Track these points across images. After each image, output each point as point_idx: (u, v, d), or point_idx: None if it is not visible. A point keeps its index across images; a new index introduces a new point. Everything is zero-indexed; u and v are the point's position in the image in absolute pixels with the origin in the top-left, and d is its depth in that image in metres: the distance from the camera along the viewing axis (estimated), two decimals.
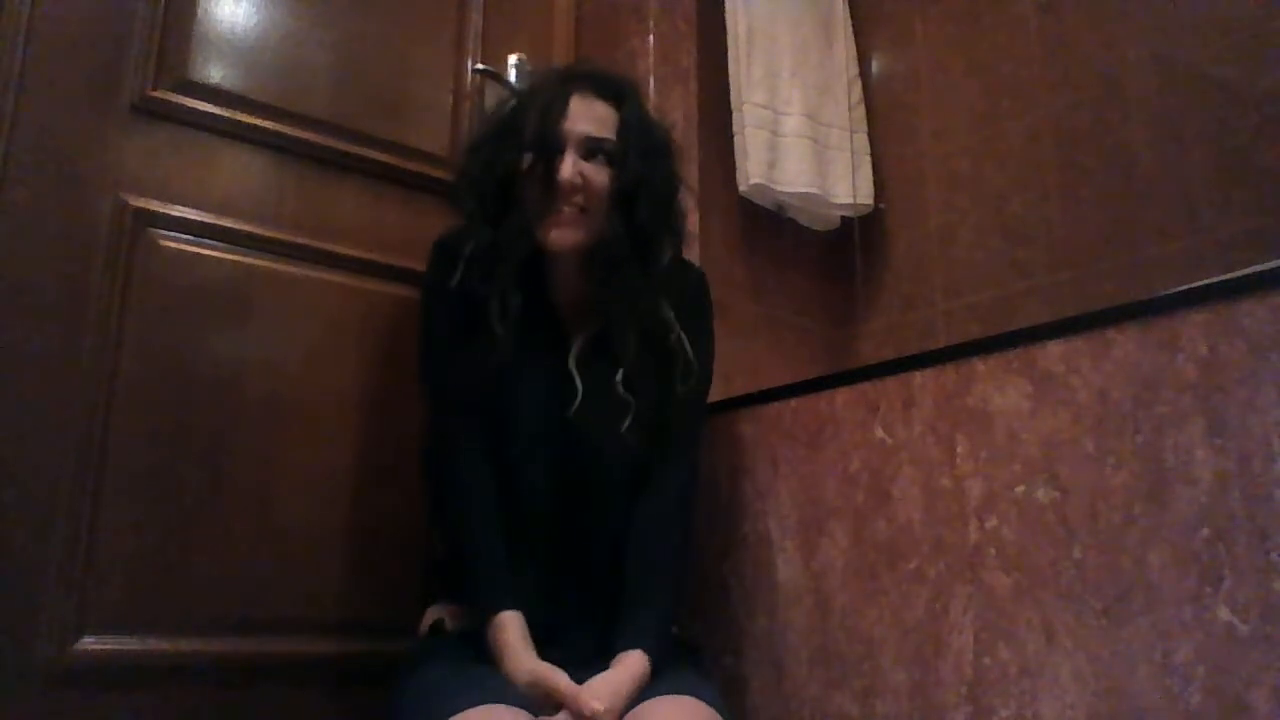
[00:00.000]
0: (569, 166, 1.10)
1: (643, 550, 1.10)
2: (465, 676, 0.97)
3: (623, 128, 1.14)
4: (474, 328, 1.11)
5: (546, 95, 1.14)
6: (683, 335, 1.16)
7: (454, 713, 0.88)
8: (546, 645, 1.02)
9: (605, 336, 1.13)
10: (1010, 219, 1.68)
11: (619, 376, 1.10)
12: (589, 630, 1.08)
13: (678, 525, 1.14)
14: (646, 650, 1.01)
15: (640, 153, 1.13)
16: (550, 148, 1.11)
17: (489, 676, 0.98)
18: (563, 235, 1.11)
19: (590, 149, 1.12)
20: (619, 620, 1.06)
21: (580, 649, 1.05)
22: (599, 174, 1.12)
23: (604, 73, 1.20)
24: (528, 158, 1.12)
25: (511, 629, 1.01)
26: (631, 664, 1.00)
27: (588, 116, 1.13)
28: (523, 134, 1.13)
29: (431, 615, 1.13)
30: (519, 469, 1.11)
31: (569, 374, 1.12)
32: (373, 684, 1.17)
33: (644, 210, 1.12)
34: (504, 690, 0.95)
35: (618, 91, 1.17)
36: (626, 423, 1.10)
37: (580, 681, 0.96)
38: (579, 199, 1.11)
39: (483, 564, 1.07)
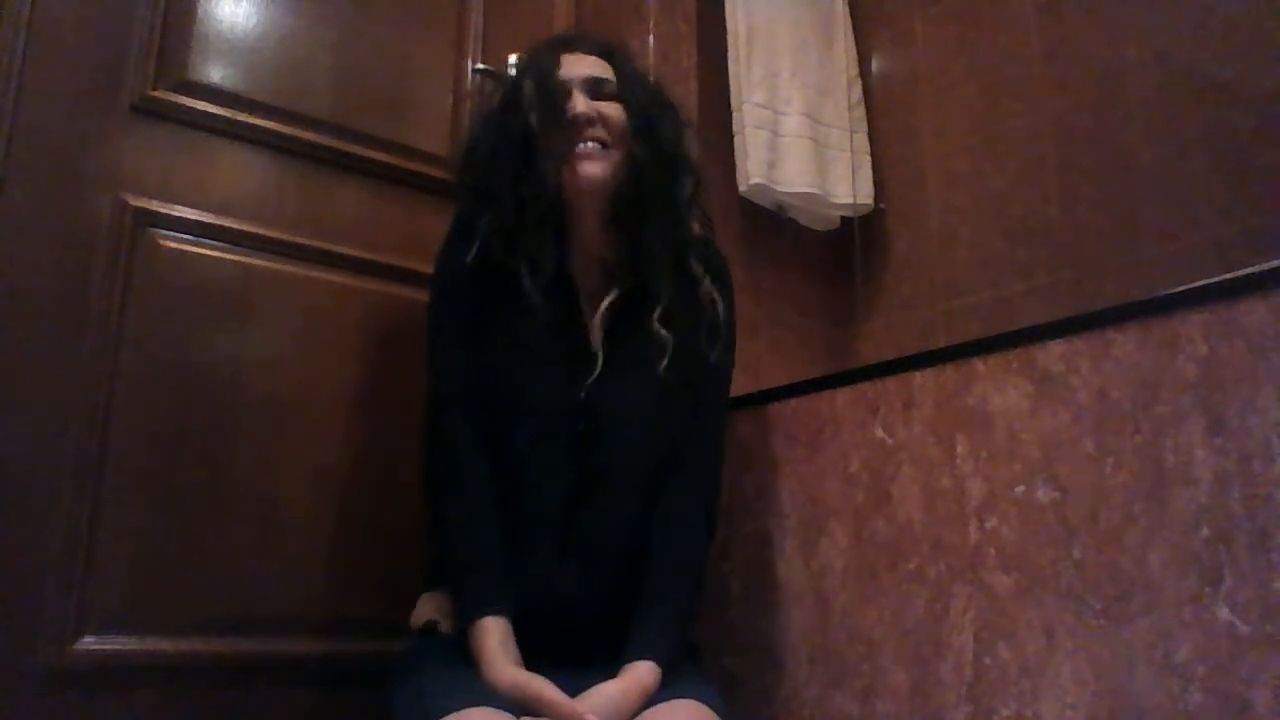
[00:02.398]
0: (581, 102, 1.12)
1: (665, 545, 1.07)
2: (456, 680, 0.96)
3: (620, 72, 1.17)
4: (490, 306, 1.10)
5: (540, 61, 1.17)
6: (715, 293, 1.17)
7: (443, 715, 0.87)
8: (550, 641, 1.01)
9: (624, 305, 1.12)
10: (1010, 219, 1.68)
11: (656, 314, 1.10)
12: (596, 624, 1.06)
13: (701, 519, 1.11)
14: (658, 661, 0.98)
15: (645, 90, 1.17)
16: (557, 96, 1.12)
17: (479, 680, 0.96)
18: (590, 168, 1.11)
19: (594, 88, 1.14)
20: (633, 621, 1.03)
21: (585, 645, 1.03)
22: (611, 108, 1.13)
23: (590, 34, 1.25)
24: (535, 118, 1.13)
25: (492, 636, 0.98)
26: (639, 676, 0.97)
27: (583, 64, 1.16)
28: (525, 103, 1.14)
29: (424, 609, 1.12)
30: (530, 452, 1.08)
31: (587, 349, 1.11)
32: (372, 684, 1.16)
33: (665, 137, 1.14)
34: (494, 694, 0.93)
35: (607, 47, 1.21)
36: (665, 362, 1.09)
37: (582, 683, 0.95)
38: (598, 132, 1.11)
39: (470, 567, 1.04)
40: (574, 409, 1.09)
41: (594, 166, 1.11)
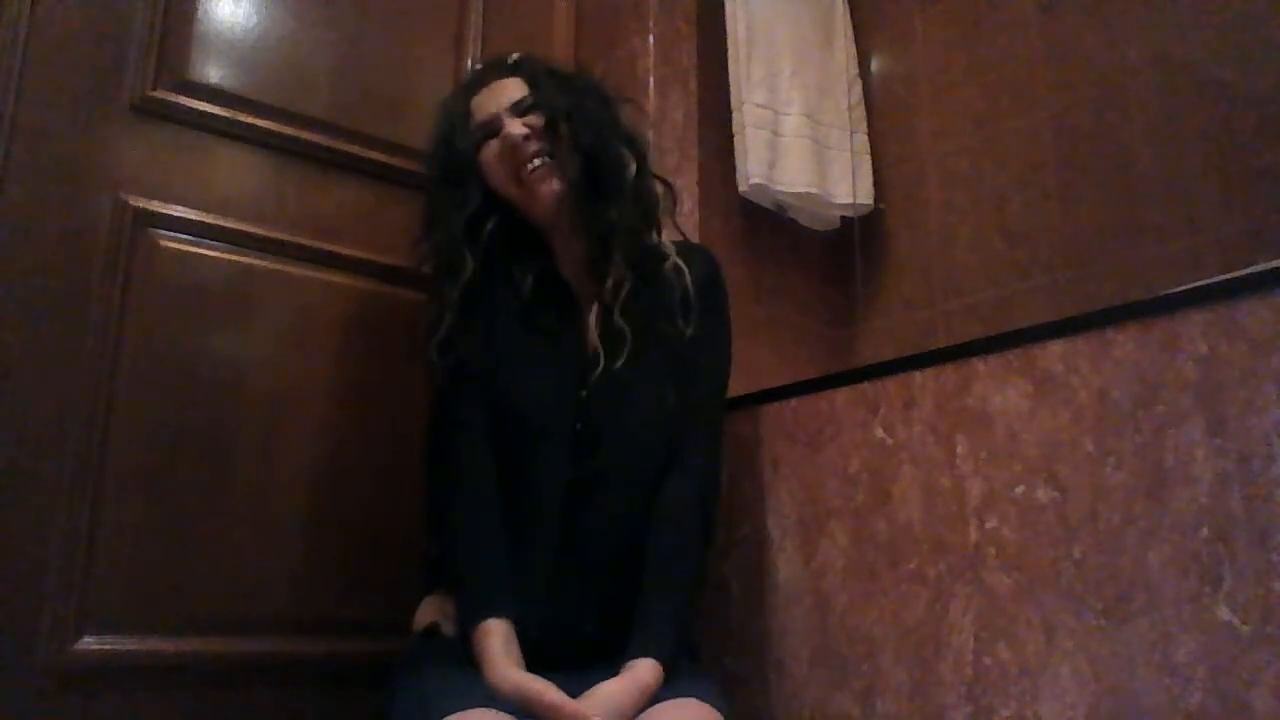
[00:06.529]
0: (513, 124, 1.12)
1: (662, 543, 1.07)
2: (457, 681, 0.96)
3: (533, 81, 1.16)
4: (488, 311, 1.12)
5: (455, 113, 1.17)
6: (680, 263, 1.17)
7: (444, 715, 0.87)
8: (550, 643, 1.01)
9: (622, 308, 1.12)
10: (1010, 219, 1.68)
11: (618, 304, 1.10)
12: (596, 627, 1.06)
13: (699, 517, 1.11)
14: (660, 659, 0.98)
15: (560, 90, 1.16)
16: (485, 135, 1.14)
17: (481, 682, 0.96)
18: (547, 188, 1.12)
19: (518, 109, 1.14)
20: (634, 620, 1.02)
21: (586, 647, 1.03)
22: (540, 120, 1.13)
23: (494, 59, 1.23)
24: (469, 156, 1.14)
25: (495, 638, 0.98)
26: (640, 674, 0.96)
27: (499, 92, 1.16)
28: (459, 144, 1.15)
29: (428, 610, 1.12)
30: (531, 452, 1.08)
31: (584, 353, 1.11)
32: (372, 684, 1.17)
33: (583, 134, 1.13)
34: (495, 696, 0.93)
35: (514, 64, 1.20)
36: (622, 359, 1.09)
37: (584, 685, 0.94)
38: (539, 146, 1.12)
39: (473, 569, 1.05)
40: (573, 409, 1.09)
41: (550, 185, 1.12)
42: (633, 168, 1.16)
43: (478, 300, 1.13)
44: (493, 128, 1.14)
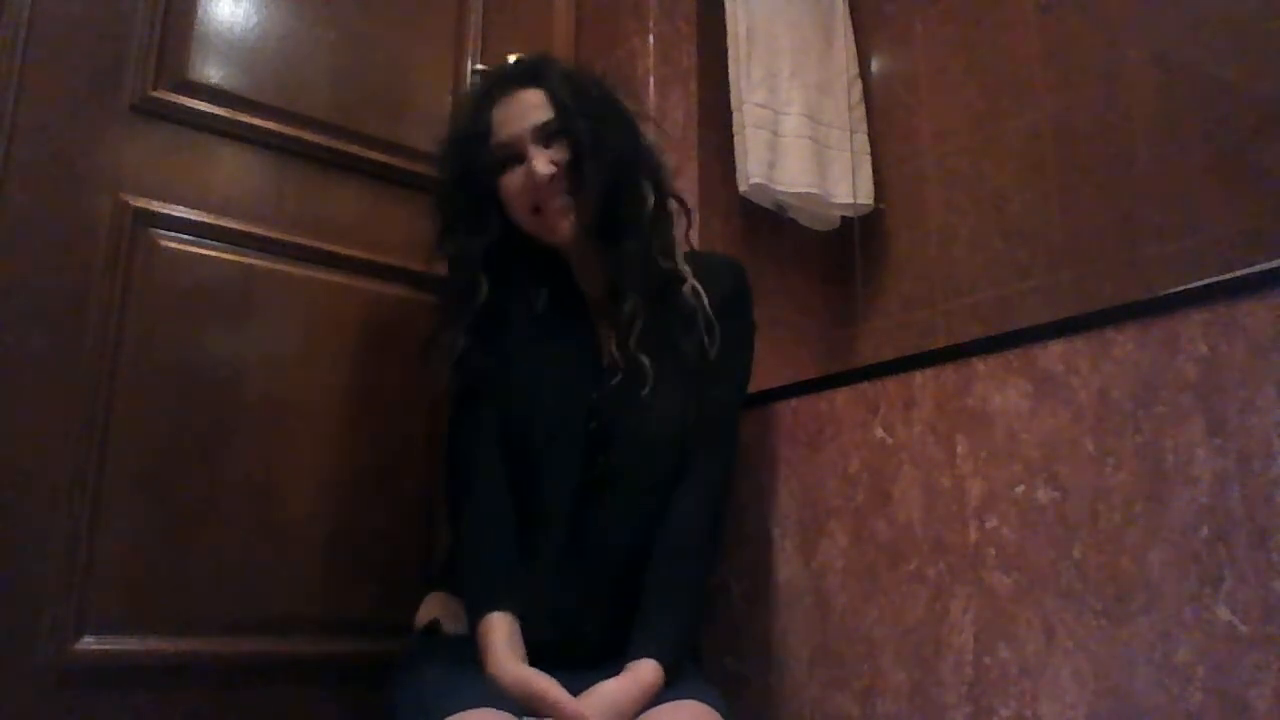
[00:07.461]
0: (540, 160, 1.09)
1: (669, 550, 1.07)
2: (459, 678, 0.96)
3: (556, 99, 1.11)
4: (503, 311, 1.12)
5: (475, 122, 1.13)
6: (697, 286, 1.15)
7: (445, 715, 0.87)
8: (554, 642, 1.01)
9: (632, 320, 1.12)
10: (1010, 219, 1.68)
11: (632, 339, 1.09)
12: (601, 626, 1.06)
13: (707, 526, 1.11)
14: (661, 661, 0.98)
15: (580, 114, 1.11)
16: (507, 158, 1.11)
17: (481, 680, 0.96)
18: (566, 223, 1.11)
19: (543, 135, 1.10)
20: (637, 621, 1.02)
21: (591, 647, 1.03)
22: (562, 152, 1.10)
23: (514, 65, 1.19)
24: (489, 178, 1.12)
25: (498, 632, 0.98)
26: (642, 674, 0.96)
27: (521, 107, 1.11)
28: (479, 165, 1.12)
29: (430, 607, 1.13)
30: (543, 452, 1.09)
31: (598, 362, 1.11)
32: (372, 684, 1.17)
33: (603, 170, 1.10)
34: (496, 693, 0.93)
35: (534, 71, 1.14)
36: (646, 390, 1.08)
37: (585, 684, 0.94)
38: (562, 185, 1.10)
39: (482, 563, 1.06)
40: (585, 408, 1.09)
41: (568, 222, 1.11)
42: (651, 199, 1.14)
43: (493, 304, 1.12)
44: (515, 151, 1.11)
